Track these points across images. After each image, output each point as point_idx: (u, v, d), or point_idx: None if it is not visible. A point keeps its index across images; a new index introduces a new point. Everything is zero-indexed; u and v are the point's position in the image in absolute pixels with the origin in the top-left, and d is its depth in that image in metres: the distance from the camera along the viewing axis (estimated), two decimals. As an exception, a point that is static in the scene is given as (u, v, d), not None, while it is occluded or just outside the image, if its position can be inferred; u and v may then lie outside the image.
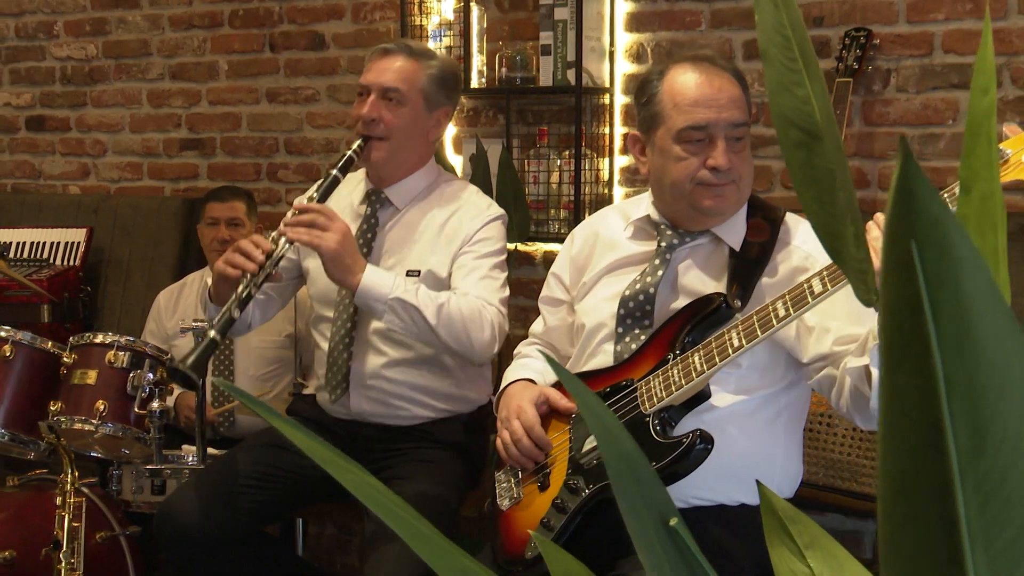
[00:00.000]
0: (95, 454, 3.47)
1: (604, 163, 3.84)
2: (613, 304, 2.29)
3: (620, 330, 2.26)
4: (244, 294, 2.56)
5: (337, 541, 4.35)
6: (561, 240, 3.84)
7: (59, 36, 4.94)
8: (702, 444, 2.05)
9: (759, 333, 2.02)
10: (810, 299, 1.98)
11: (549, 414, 2.33)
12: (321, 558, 4.28)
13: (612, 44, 3.79)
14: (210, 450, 3.46)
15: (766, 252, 2.21)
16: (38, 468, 3.63)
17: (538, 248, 3.96)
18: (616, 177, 3.85)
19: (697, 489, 2.14)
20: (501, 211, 2.92)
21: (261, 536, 2.90)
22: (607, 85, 3.80)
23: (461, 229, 2.82)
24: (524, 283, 3.96)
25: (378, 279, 2.61)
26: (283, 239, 2.63)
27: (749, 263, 2.19)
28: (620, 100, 3.83)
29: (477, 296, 2.71)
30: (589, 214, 3.79)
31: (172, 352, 3.61)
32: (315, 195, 2.72)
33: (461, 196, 2.92)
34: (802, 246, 2.22)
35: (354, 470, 0.84)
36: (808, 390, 2.28)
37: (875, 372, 1.98)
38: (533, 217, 3.81)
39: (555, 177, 3.85)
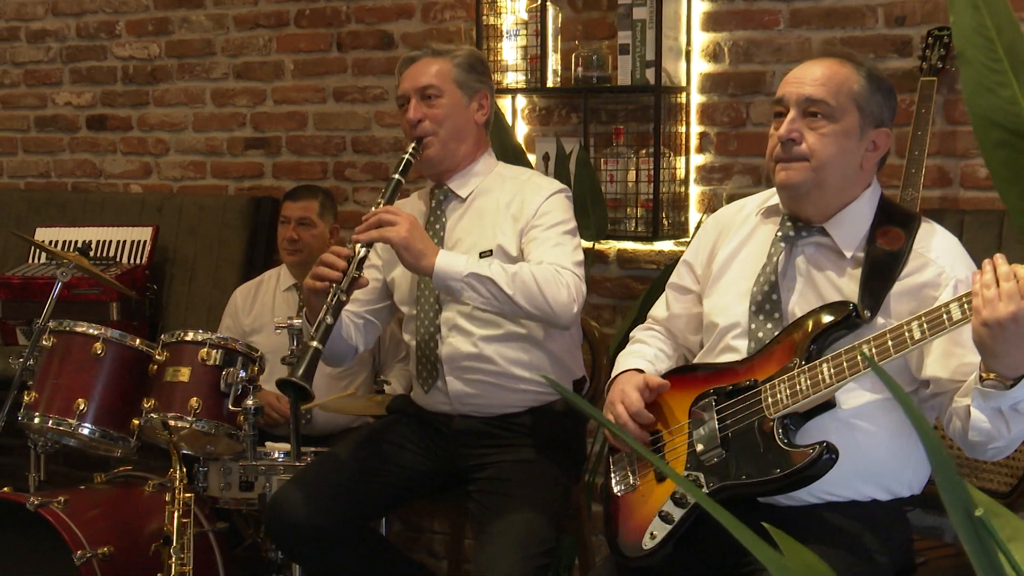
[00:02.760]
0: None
1: (680, 162, 3.86)
2: (744, 302, 2.31)
3: (753, 326, 2.28)
4: (334, 301, 2.64)
5: (404, 539, 4.37)
6: (638, 239, 3.90)
7: (121, 36, 4.97)
8: (828, 455, 2.08)
9: (892, 352, 2.04)
10: (947, 325, 2.00)
11: (665, 406, 2.35)
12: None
13: (689, 43, 3.81)
14: (286, 446, 3.49)
15: (898, 261, 2.21)
16: (123, 465, 3.66)
17: (612, 247, 3.98)
18: (692, 176, 3.87)
19: (830, 486, 2.16)
20: (563, 185, 3.01)
21: (367, 531, 2.94)
22: (683, 84, 3.83)
23: (525, 206, 2.89)
24: (598, 281, 3.98)
25: (451, 259, 2.69)
26: (358, 245, 2.71)
27: (880, 272, 2.20)
28: (696, 99, 3.85)
29: (551, 262, 2.75)
30: (667, 212, 3.84)
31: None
32: (380, 200, 2.80)
33: (522, 177, 3.02)
34: (937, 260, 2.22)
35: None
36: None
37: (975, 412, 2.03)
38: (610, 216, 3.83)
39: (631, 176, 3.87)
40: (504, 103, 4.03)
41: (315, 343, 2.57)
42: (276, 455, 3.37)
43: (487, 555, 2.61)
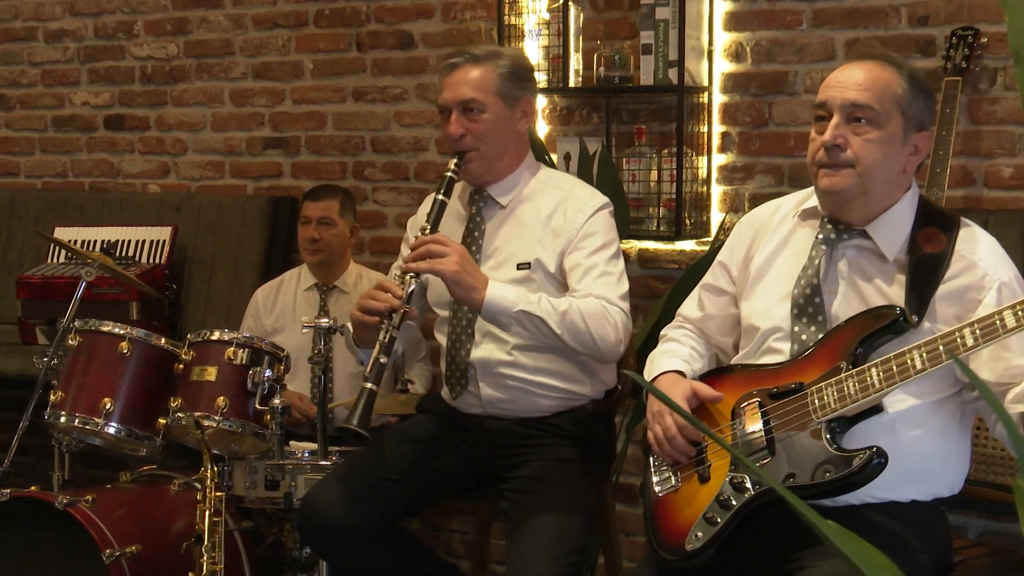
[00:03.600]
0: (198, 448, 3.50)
1: (702, 161, 3.87)
2: (785, 305, 2.31)
3: (796, 328, 2.28)
4: (386, 339, 2.63)
5: (423, 538, 4.37)
6: (660, 238, 3.90)
7: (139, 36, 4.98)
8: (878, 460, 2.09)
9: (943, 358, 2.05)
10: (1001, 332, 2.01)
11: (708, 407, 2.35)
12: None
13: (711, 43, 3.82)
14: (312, 445, 3.50)
15: (940, 264, 2.21)
16: (146, 464, 3.67)
17: (633, 246, 3.98)
18: (714, 175, 3.88)
19: (872, 487, 2.16)
20: (605, 199, 2.95)
21: (399, 530, 2.94)
22: (705, 84, 3.83)
23: (567, 224, 2.86)
24: (619, 280, 3.98)
25: (502, 294, 2.67)
26: (408, 276, 2.69)
27: (924, 275, 2.20)
28: (718, 99, 3.86)
29: (598, 296, 2.74)
30: (688, 212, 3.84)
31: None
32: (427, 225, 2.77)
33: (564, 187, 2.98)
34: (980, 263, 2.22)
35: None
36: None
37: None
38: (632, 215, 3.84)
39: (653, 175, 3.88)
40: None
41: (370, 384, 2.56)
42: (300, 454, 3.38)
43: (522, 553, 2.61)
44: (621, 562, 3.46)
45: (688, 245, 3.90)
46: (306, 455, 3.40)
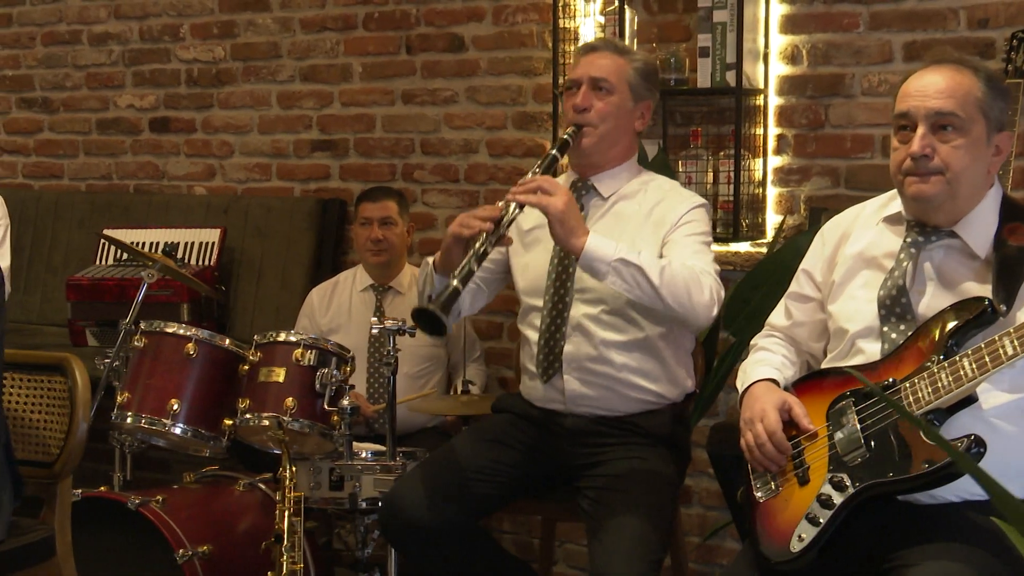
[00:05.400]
0: (263, 448, 3.52)
1: (757, 163, 3.89)
2: (873, 306, 2.33)
3: (885, 329, 2.30)
4: (481, 250, 2.64)
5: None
6: (716, 240, 3.89)
7: (185, 39, 5.00)
8: (977, 448, 2.10)
9: None
10: None
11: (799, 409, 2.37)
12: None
13: (767, 46, 3.84)
14: (375, 446, 3.52)
15: None
16: (210, 464, 3.69)
17: (688, 247, 3.99)
18: (769, 177, 3.90)
19: (970, 483, 2.18)
20: (703, 200, 3.03)
21: (478, 530, 2.96)
22: (761, 86, 3.85)
23: (668, 215, 2.92)
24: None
25: (602, 241, 2.70)
26: (512, 204, 2.71)
27: (1012, 268, 2.22)
28: (774, 101, 3.88)
29: (692, 265, 2.77)
30: (745, 214, 3.86)
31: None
32: (537, 170, 2.82)
33: (664, 188, 3.04)
34: None
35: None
36: None
37: None
38: (688, 217, 3.85)
39: (708, 177, 3.90)
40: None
41: (456, 282, 2.58)
42: (363, 454, 3.40)
43: (606, 552, 2.63)
44: (687, 564, 3.48)
45: (744, 247, 3.91)
46: (369, 455, 3.43)
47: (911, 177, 2.29)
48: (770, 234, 3.89)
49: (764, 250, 3.86)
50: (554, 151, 2.88)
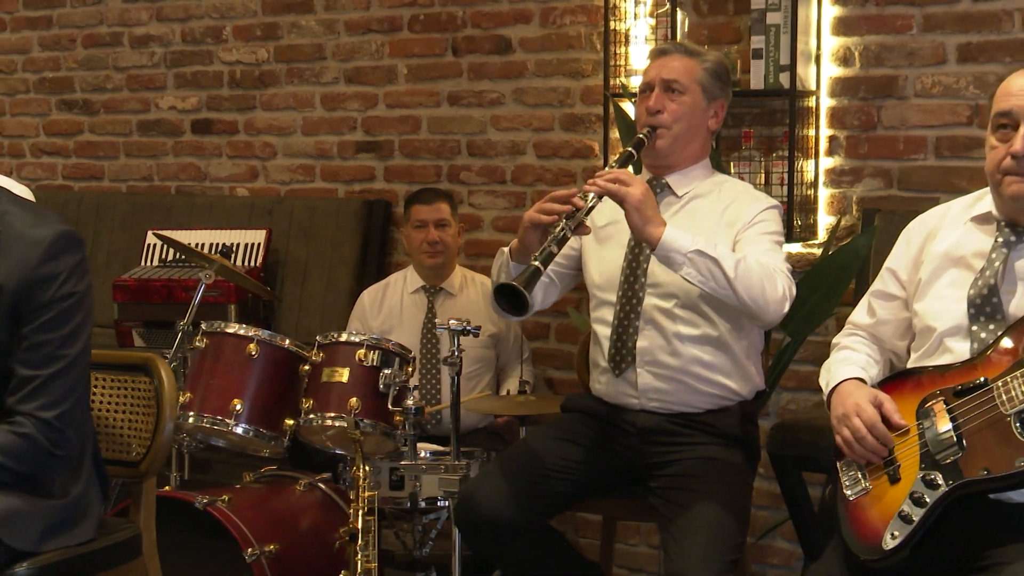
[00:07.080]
0: (323, 448, 3.54)
1: (809, 165, 3.91)
2: (962, 305, 2.35)
3: (975, 328, 2.31)
4: (561, 234, 2.68)
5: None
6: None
7: (228, 40, 5.02)
8: None
9: None
10: None
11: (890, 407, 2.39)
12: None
13: (819, 48, 3.86)
14: (434, 446, 3.55)
15: None
16: (268, 464, 3.70)
17: (738, 248, 4.01)
18: (821, 178, 3.92)
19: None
20: (776, 202, 3.06)
21: (549, 528, 2.98)
22: (813, 88, 3.87)
23: (741, 214, 2.95)
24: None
25: (678, 232, 2.73)
26: (591, 194, 2.74)
27: None
28: (826, 102, 3.89)
29: (767, 262, 2.80)
30: (798, 214, 3.88)
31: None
32: (614, 164, 2.87)
33: (738, 188, 3.09)
34: None
35: None
36: None
37: None
38: (741, 218, 3.87)
39: (760, 179, 3.92)
40: (631, 107, 4.07)
41: (537, 263, 2.62)
42: (423, 454, 3.43)
43: (683, 550, 2.65)
44: (749, 564, 3.50)
45: (795, 248, 3.93)
46: (428, 455, 3.45)
47: (1011, 176, 2.30)
48: (822, 235, 3.91)
49: (816, 251, 3.87)
50: (630, 148, 2.92)
